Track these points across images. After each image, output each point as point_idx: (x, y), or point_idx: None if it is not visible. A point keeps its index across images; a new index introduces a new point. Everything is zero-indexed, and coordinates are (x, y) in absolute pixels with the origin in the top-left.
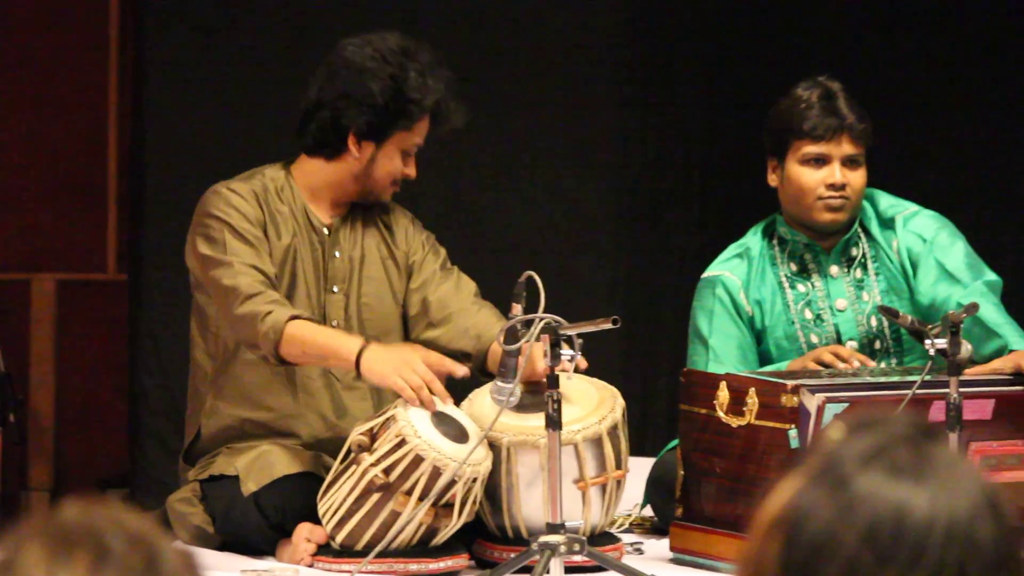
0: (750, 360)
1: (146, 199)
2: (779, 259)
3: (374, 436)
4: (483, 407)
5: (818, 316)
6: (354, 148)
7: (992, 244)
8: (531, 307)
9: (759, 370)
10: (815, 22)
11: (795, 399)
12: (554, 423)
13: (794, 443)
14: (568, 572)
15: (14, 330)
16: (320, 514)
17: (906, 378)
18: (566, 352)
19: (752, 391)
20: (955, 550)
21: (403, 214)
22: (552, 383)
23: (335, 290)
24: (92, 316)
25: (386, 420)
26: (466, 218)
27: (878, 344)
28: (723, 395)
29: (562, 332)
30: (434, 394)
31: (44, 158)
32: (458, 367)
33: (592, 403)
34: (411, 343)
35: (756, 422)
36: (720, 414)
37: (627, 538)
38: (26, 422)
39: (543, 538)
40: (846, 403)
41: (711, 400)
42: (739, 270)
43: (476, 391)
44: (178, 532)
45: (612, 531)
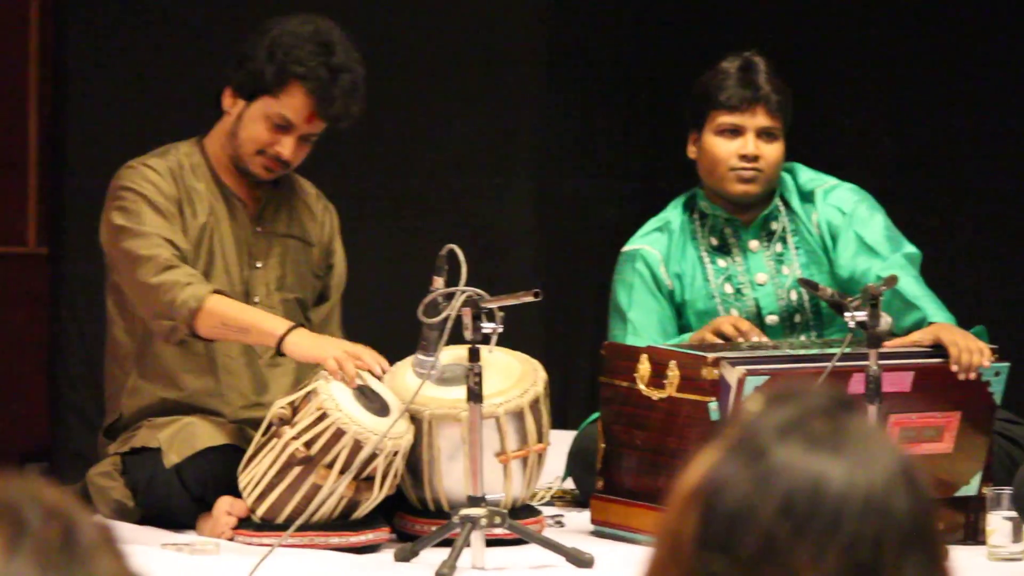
0: (670, 333)
1: (66, 171)
2: (699, 233)
3: (295, 410)
4: (405, 380)
5: (738, 290)
6: (227, 101)
7: (910, 218)
8: (452, 281)
9: (677, 342)
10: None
11: (716, 372)
12: (476, 396)
13: (714, 416)
14: (489, 545)
15: None
16: (241, 487)
17: (826, 351)
18: (487, 325)
19: (673, 364)
20: (871, 521)
21: (331, 211)
22: (474, 356)
23: (258, 265)
24: (12, 289)
25: (307, 394)
26: (387, 190)
27: (798, 318)
28: (644, 368)
29: (483, 305)
30: (361, 368)
31: None
32: (375, 384)
33: (514, 376)
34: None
35: (677, 395)
36: (641, 387)
37: (548, 511)
38: None
39: (464, 511)
40: (767, 376)
41: (632, 373)
42: (659, 243)
43: (398, 364)
44: (98, 506)
45: (533, 504)
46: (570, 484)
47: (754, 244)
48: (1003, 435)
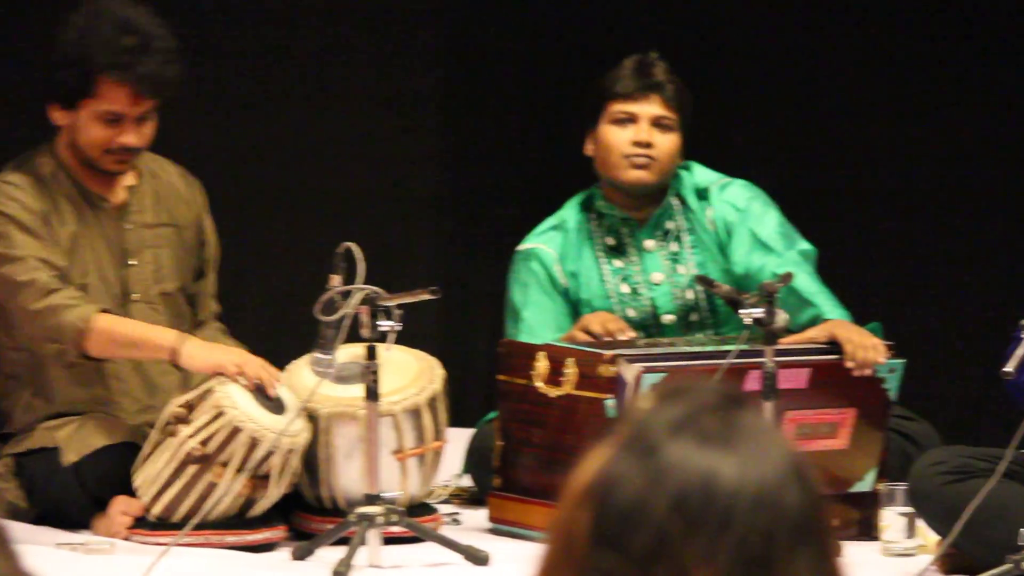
0: (565, 332)
1: None
2: (595, 233)
3: (191, 408)
4: (302, 378)
5: (634, 290)
6: (55, 116)
7: (803, 215)
8: (350, 279)
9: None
10: None
11: (613, 369)
12: (373, 394)
13: (611, 413)
14: (386, 543)
15: None
16: (135, 486)
17: (723, 348)
18: (384, 323)
19: (570, 361)
20: (763, 516)
21: (195, 186)
22: (371, 354)
23: (132, 263)
24: None
25: (204, 392)
26: (285, 190)
27: (695, 316)
28: (541, 365)
29: (381, 303)
30: (259, 378)
31: None
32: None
33: (411, 374)
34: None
35: (574, 392)
36: (538, 384)
37: (445, 509)
38: None
39: (361, 509)
40: (664, 373)
41: (529, 371)
42: (554, 242)
43: (295, 362)
44: None
45: (430, 502)
46: (467, 482)
47: (650, 243)
48: (898, 431)
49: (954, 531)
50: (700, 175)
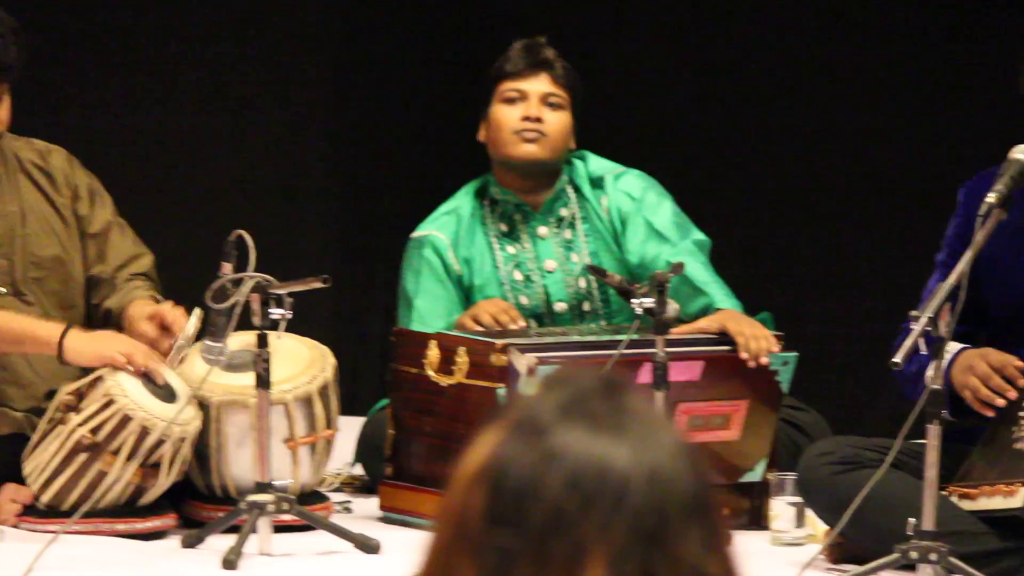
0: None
1: None
2: (489, 219)
3: (81, 396)
4: (194, 366)
5: (527, 277)
6: None
7: (697, 206)
8: (241, 266)
9: (441, 330)
10: None
11: (504, 358)
12: (264, 382)
13: (503, 402)
14: (277, 531)
15: None
16: (25, 474)
17: (616, 337)
18: (276, 311)
19: (462, 350)
20: (656, 493)
21: (59, 155)
22: (262, 342)
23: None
24: None
25: (94, 380)
26: (176, 178)
27: (587, 305)
28: (433, 354)
29: (272, 291)
30: (147, 367)
31: None
32: (162, 371)
33: (303, 362)
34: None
35: (466, 381)
36: (430, 373)
37: (337, 497)
38: None
39: (251, 497)
40: (556, 364)
41: (421, 359)
42: (447, 228)
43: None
44: None
45: (322, 490)
46: (359, 470)
47: (543, 230)
48: (788, 421)
49: (842, 521)
50: (595, 164)
